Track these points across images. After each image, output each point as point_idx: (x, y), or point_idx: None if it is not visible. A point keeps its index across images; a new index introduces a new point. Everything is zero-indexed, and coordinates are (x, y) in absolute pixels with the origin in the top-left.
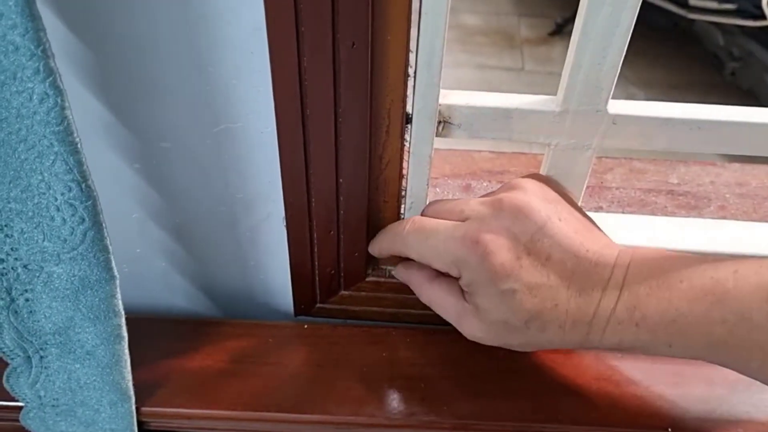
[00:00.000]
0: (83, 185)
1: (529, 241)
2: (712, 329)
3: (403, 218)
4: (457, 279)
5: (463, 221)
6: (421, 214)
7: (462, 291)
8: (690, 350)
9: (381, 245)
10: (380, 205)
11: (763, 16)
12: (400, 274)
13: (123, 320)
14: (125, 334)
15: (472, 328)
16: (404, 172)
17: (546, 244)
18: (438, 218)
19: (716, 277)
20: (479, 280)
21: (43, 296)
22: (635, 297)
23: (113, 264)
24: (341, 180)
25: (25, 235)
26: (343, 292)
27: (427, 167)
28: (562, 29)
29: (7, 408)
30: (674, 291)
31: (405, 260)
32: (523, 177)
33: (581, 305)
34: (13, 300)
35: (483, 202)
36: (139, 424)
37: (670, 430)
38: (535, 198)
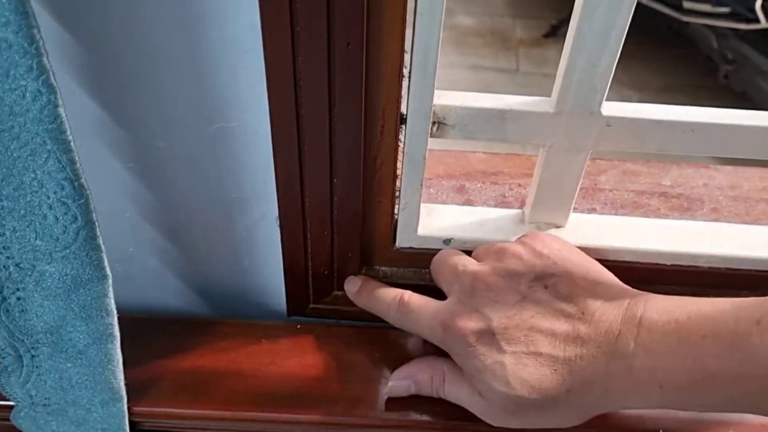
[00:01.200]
0: (76, 183)
1: (503, 317)
2: (744, 386)
3: (397, 218)
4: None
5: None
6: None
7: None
8: (723, 407)
9: (368, 306)
10: (374, 205)
11: (756, 20)
12: (399, 379)
13: (115, 319)
14: (117, 333)
15: (494, 419)
16: (398, 172)
17: (525, 317)
18: (439, 278)
19: (740, 331)
20: (465, 362)
21: (35, 295)
22: (654, 356)
23: (106, 263)
24: (335, 180)
25: (17, 234)
26: (337, 293)
27: (422, 168)
28: (557, 31)
29: None
30: (698, 349)
31: (402, 374)
32: (521, 238)
33: (586, 368)
34: (4, 299)
35: (462, 278)
36: (131, 423)
37: (661, 431)
38: (516, 268)
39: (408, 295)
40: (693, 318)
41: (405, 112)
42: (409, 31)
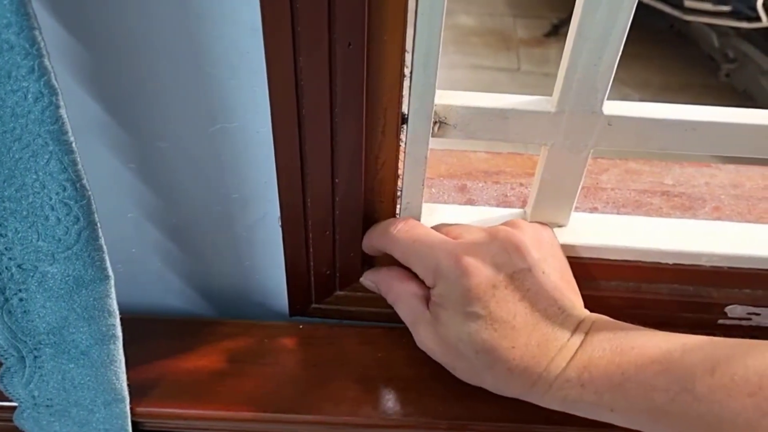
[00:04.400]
0: (78, 184)
1: (509, 276)
2: (655, 396)
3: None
4: (428, 288)
5: (456, 240)
6: None
7: (427, 300)
8: (631, 415)
9: (371, 239)
10: (376, 205)
11: (757, 18)
12: (368, 277)
13: (117, 320)
14: (120, 333)
15: (425, 337)
16: (400, 172)
17: (523, 287)
18: (444, 228)
19: (664, 348)
20: (450, 296)
21: (38, 296)
22: (588, 359)
23: (108, 263)
24: (337, 180)
25: (20, 235)
26: (339, 293)
27: (423, 167)
28: (557, 30)
29: (1, 408)
30: (624, 356)
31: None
32: (526, 222)
33: (535, 356)
34: (7, 300)
35: (481, 228)
36: (134, 424)
37: None
38: (529, 241)
39: (414, 219)
40: (632, 334)
41: (406, 112)
42: (410, 31)
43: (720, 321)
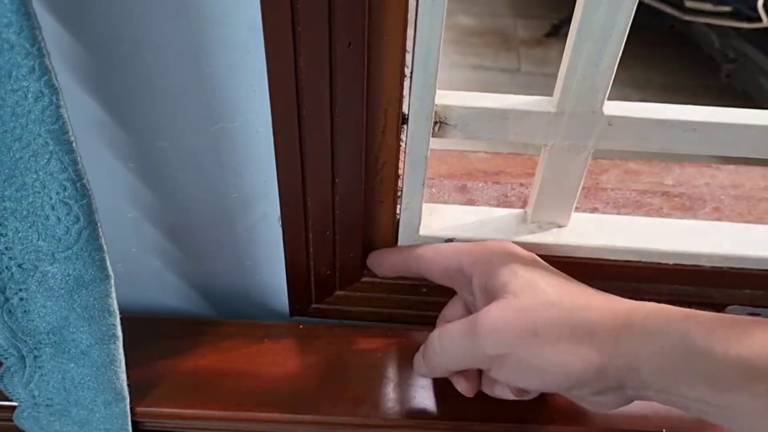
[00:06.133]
0: (78, 184)
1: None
2: (717, 367)
3: (399, 218)
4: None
5: None
6: None
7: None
8: (694, 389)
9: (389, 261)
10: (376, 205)
11: (758, 19)
12: (420, 363)
13: (118, 320)
14: (120, 333)
15: (491, 317)
16: (400, 172)
17: (539, 265)
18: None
19: (726, 316)
20: (492, 264)
21: (38, 295)
22: (681, 319)
23: (108, 263)
24: (337, 180)
25: (20, 234)
26: (339, 293)
27: (423, 167)
28: (558, 30)
29: (1, 407)
30: (680, 323)
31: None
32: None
33: (607, 303)
34: (7, 299)
35: None
36: (134, 424)
37: (664, 431)
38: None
39: None
40: (688, 313)
41: (407, 112)
42: (410, 31)
43: None
